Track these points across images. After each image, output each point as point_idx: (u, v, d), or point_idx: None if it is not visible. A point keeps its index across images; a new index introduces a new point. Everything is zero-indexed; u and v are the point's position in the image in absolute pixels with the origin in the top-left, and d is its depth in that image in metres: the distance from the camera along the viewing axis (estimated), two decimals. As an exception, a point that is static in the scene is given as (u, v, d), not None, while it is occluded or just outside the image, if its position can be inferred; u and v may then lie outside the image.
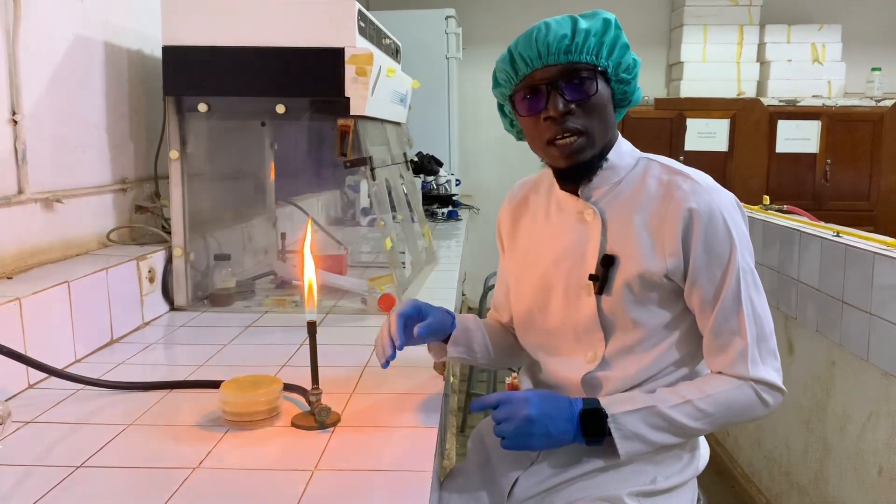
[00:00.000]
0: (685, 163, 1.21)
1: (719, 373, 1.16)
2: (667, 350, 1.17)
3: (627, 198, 1.18)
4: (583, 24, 1.13)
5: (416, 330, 1.20)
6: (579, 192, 1.21)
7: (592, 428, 1.11)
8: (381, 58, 1.76)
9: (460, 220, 3.66)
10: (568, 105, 1.12)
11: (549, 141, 1.14)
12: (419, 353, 1.41)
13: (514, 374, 1.18)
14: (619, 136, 1.23)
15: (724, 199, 1.15)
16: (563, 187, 1.23)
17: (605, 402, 1.13)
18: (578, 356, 1.21)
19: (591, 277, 1.17)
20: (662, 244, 1.13)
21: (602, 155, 1.18)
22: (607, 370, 1.18)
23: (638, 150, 1.24)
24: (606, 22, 1.14)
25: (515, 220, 1.35)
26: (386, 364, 1.18)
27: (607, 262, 1.16)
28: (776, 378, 1.15)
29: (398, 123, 2.32)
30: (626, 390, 1.17)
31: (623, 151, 1.21)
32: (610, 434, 1.11)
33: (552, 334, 1.25)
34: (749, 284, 1.14)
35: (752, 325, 1.13)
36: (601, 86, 1.14)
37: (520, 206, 1.35)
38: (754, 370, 1.13)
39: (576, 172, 1.19)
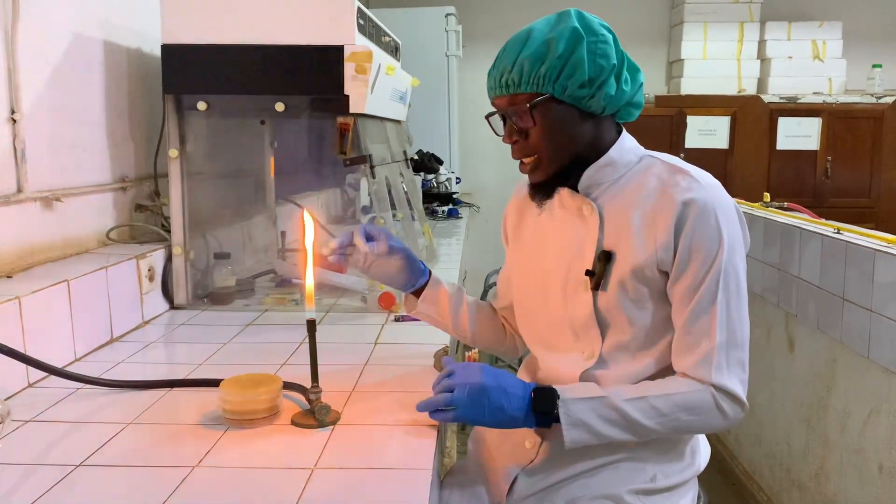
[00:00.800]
0: (686, 160, 1.20)
1: (683, 374, 1.14)
2: (664, 351, 1.16)
3: (626, 194, 1.18)
4: (526, 51, 1.12)
5: (360, 241, 1.24)
6: (579, 189, 1.21)
7: (543, 405, 1.09)
8: (380, 55, 1.76)
9: (461, 218, 3.66)
10: (515, 134, 1.16)
11: (515, 159, 1.20)
12: (419, 351, 1.41)
13: (475, 350, 1.20)
14: (624, 132, 1.22)
15: (721, 198, 1.14)
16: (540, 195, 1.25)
17: (560, 389, 1.12)
18: (576, 353, 1.21)
19: (588, 273, 1.17)
20: (655, 236, 1.13)
21: (571, 167, 1.18)
22: (605, 368, 1.18)
23: (643, 148, 1.24)
24: (549, 43, 1.11)
25: (521, 214, 1.35)
26: (340, 256, 1.24)
27: (604, 258, 1.16)
28: (739, 389, 1.12)
29: (398, 121, 2.32)
30: None
31: (626, 148, 1.21)
32: (558, 420, 1.09)
33: (551, 330, 1.25)
34: (730, 289, 1.12)
35: (723, 329, 1.11)
36: (550, 110, 1.13)
37: (526, 199, 1.34)
38: (717, 376, 1.10)
39: (548, 185, 1.21)
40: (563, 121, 1.15)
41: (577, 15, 1.14)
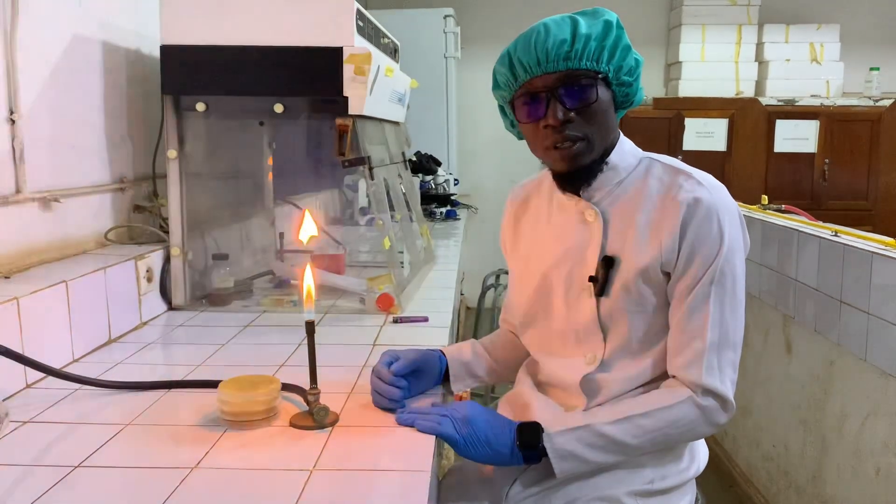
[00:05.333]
0: (684, 163, 1.20)
1: (673, 377, 1.14)
2: (663, 352, 1.16)
3: (629, 198, 1.17)
4: (583, 27, 1.10)
5: (392, 369, 1.16)
6: (581, 193, 1.20)
7: (528, 440, 1.10)
8: (379, 57, 1.76)
9: (459, 219, 3.66)
10: (567, 113, 1.11)
11: (549, 147, 1.14)
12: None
13: (467, 391, 1.20)
14: (622, 135, 1.22)
15: (724, 200, 1.14)
16: (563, 190, 1.23)
17: (545, 423, 1.12)
18: (578, 357, 1.21)
19: (591, 279, 1.17)
20: (660, 239, 1.12)
21: (603, 158, 1.17)
22: (606, 372, 1.18)
23: (640, 150, 1.23)
24: (607, 24, 1.12)
25: (517, 222, 1.35)
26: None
27: (607, 264, 1.15)
28: (728, 391, 1.11)
29: (396, 123, 2.32)
30: (624, 394, 1.17)
31: (625, 151, 1.20)
32: (546, 454, 1.09)
33: (553, 335, 1.25)
34: (725, 289, 1.11)
35: (715, 329, 1.10)
36: (601, 91, 1.12)
37: (521, 207, 1.34)
38: (708, 377, 1.10)
39: (576, 176, 1.18)
40: (608, 106, 1.15)
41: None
